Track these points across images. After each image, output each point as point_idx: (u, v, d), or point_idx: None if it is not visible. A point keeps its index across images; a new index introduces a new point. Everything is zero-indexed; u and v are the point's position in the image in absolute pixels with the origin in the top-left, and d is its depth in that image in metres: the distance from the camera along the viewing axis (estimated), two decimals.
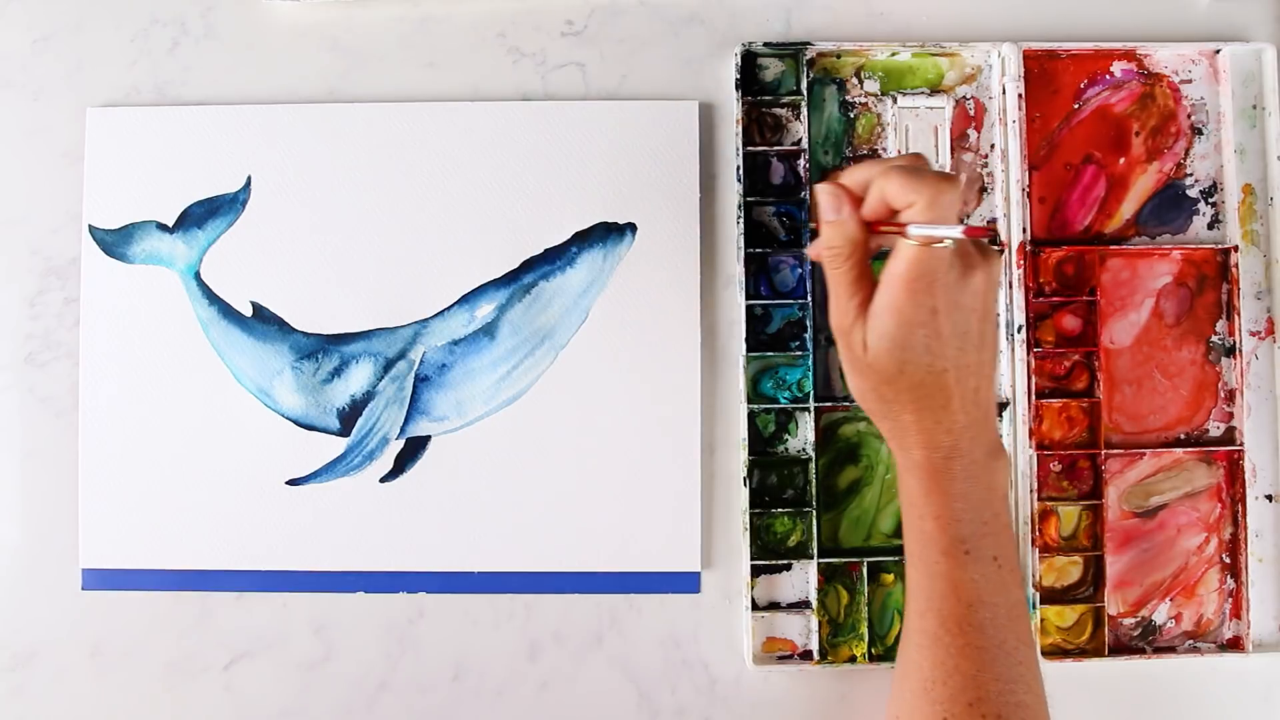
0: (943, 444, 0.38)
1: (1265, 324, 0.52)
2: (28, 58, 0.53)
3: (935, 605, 0.38)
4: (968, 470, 0.38)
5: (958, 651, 0.38)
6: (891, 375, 0.37)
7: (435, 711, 0.50)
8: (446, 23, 0.53)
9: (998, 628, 0.38)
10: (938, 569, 0.38)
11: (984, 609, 0.38)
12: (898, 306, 0.36)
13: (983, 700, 0.37)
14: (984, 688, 0.37)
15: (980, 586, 0.38)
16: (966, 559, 0.38)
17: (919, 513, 0.39)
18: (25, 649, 0.51)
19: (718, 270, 0.52)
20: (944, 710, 0.37)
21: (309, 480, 0.51)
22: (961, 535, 0.38)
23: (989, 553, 0.38)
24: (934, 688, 0.38)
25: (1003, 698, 0.37)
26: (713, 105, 0.52)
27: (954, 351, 0.37)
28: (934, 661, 0.38)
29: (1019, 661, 0.38)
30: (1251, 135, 0.52)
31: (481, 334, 0.51)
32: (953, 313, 0.37)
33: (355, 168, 0.52)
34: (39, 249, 0.52)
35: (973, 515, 0.38)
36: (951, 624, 0.38)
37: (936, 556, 0.38)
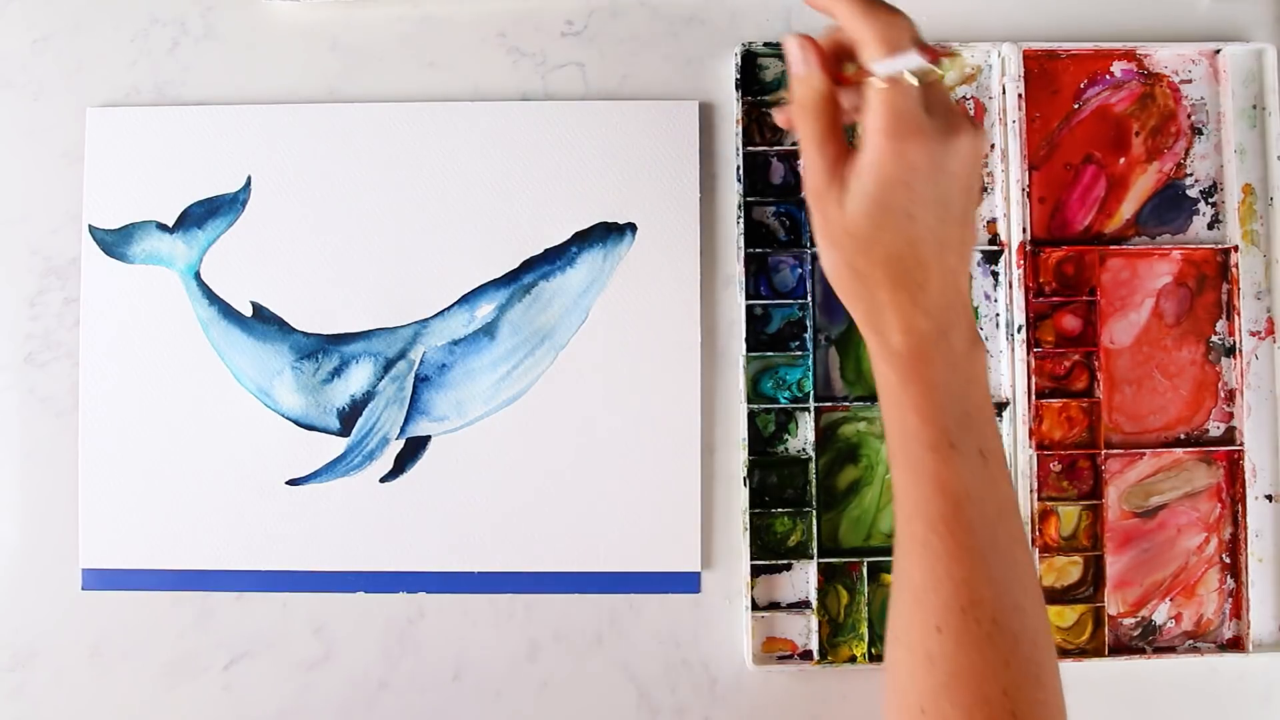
0: (920, 328, 0.36)
1: (1265, 324, 0.52)
2: (28, 58, 0.53)
3: (921, 507, 0.36)
4: (948, 359, 0.36)
5: (947, 555, 0.35)
6: (867, 241, 0.35)
7: (435, 711, 0.50)
8: (446, 23, 0.53)
9: (988, 526, 0.36)
10: (922, 467, 0.36)
11: (971, 506, 0.36)
12: (878, 161, 0.34)
13: (976, 605, 0.35)
14: (977, 591, 0.35)
15: (967, 482, 0.36)
16: (952, 453, 0.36)
17: (899, 407, 0.37)
18: (25, 649, 0.51)
19: (718, 270, 0.52)
20: (937, 618, 0.35)
21: (309, 480, 0.51)
22: (945, 428, 0.36)
23: (974, 446, 0.36)
24: (926, 596, 0.36)
25: (998, 601, 0.35)
26: (713, 105, 0.52)
27: (934, 220, 0.35)
28: (924, 568, 0.36)
29: (1014, 562, 0.36)
30: (1251, 135, 0.52)
31: (481, 334, 0.51)
32: (936, 175, 0.34)
33: (355, 168, 0.52)
34: (39, 249, 0.52)
35: (955, 407, 0.36)
36: (939, 525, 0.36)
37: (920, 453, 0.36)
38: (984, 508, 0.36)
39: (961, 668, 0.35)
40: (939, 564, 0.35)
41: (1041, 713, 0.35)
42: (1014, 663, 0.35)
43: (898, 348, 0.36)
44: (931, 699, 0.35)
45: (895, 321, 0.36)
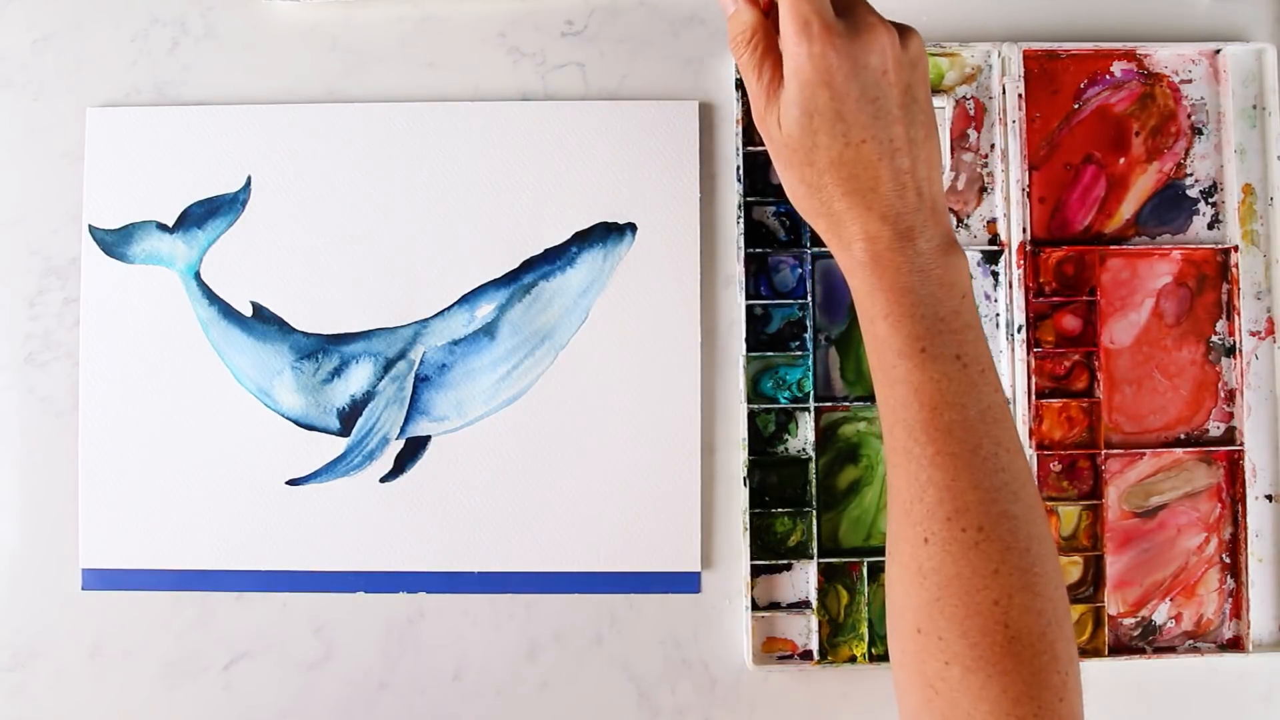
0: (879, 233, 0.36)
1: (1265, 324, 0.52)
2: (28, 58, 0.53)
3: (900, 415, 0.36)
4: (914, 264, 0.36)
5: (929, 462, 0.35)
6: (807, 151, 0.36)
7: (435, 711, 0.50)
8: (446, 23, 0.53)
9: (969, 431, 0.35)
10: (896, 374, 0.36)
11: (949, 411, 0.35)
12: (796, 68, 0.35)
13: (961, 512, 0.34)
14: (961, 498, 0.34)
15: (942, 388, 0.35)
16: (924, 358, 0.35)
17: (869, 316, 0.37)
18: (25, 649, 0.51)
19: (718, 270, 0.52)
20: (924, 529, 0.35)
21: (309, 480, 0.51)
22: (915, 333, 0.35)
23: (949, 351, 0.35)
24: (913, 507, 0.35)
25: (984, 508, 0.34)
26: (713, 105, 0.52)
27: (868, 119, 0.35)
28: (908, 478, 0.36)
29: (999, 469, 0.35)
30: (1251, 135, 0.52)
31: (481, 334, 0.51)
32: (856, 73, 0.35)
33: (355, 168, 0.52)
34: (39, 249, 0.52)
35: (926, 311, 0.35)
36: (919, 432, 0.35)
37: (893, 360, 0.36)
38: (964, 413, 0.35)
39: (950, 579, 0.35)
40: (921, 472, 0.35)
41: (1036, 621, 0.34)
42: (1004, 571, 0.34)
43: (859, 256, 0.36)
44: (926, 615, 0.35)
45: (855, 228, 0.36)
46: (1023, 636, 0.34)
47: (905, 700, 0.37)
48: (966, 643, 0.34)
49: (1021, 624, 0.34)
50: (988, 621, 0.34)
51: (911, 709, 0.36)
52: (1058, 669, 0.34)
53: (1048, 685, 0.34)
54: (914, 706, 0.36)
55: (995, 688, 0.34)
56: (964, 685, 0.34)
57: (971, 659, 0.34)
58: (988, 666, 0.34)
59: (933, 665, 0.35)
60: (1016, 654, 0.34)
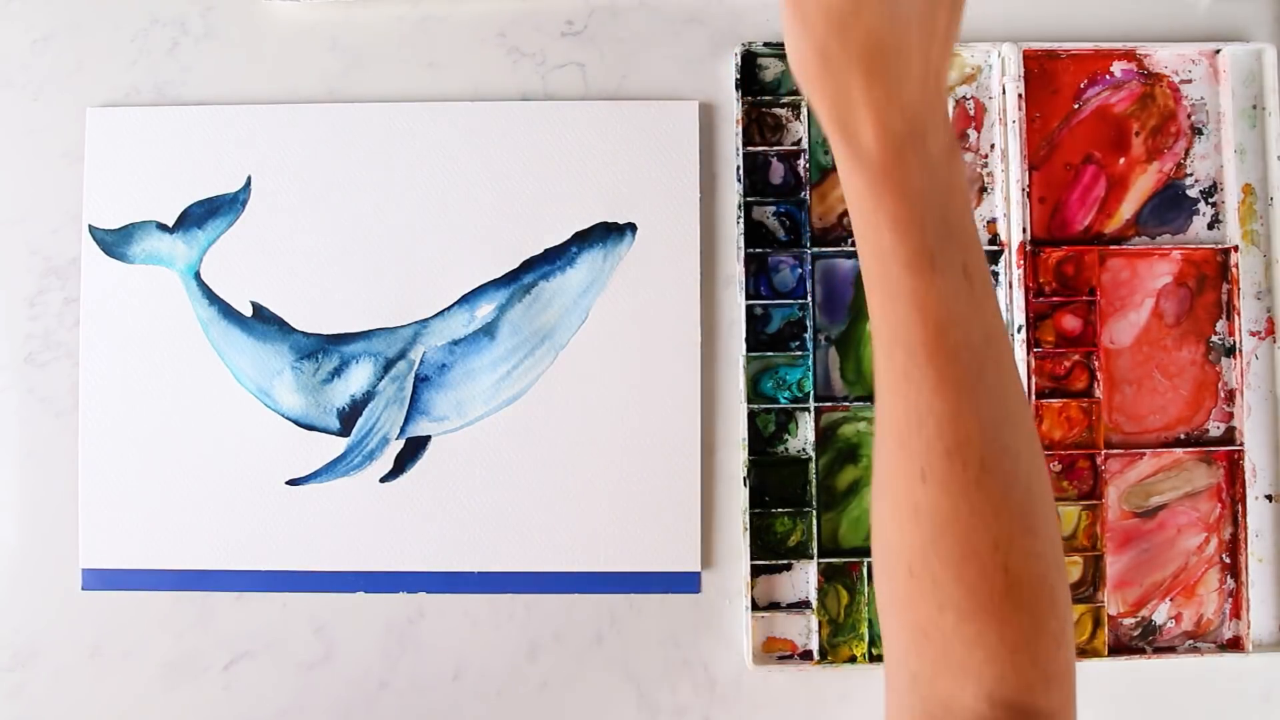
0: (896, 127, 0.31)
1: (1265, 324, 0.52)
2: (28, 58, 0.53)
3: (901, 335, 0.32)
4: (925, 164, 0.32)
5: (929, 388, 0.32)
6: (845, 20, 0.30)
7: (435, 711, 0.50)
8: (446, 23, 0.53)
9: (973, 355, 0.32)
10: (900, 288, 0.32)
11: (955, 330, 0.32)
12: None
13: (962, 445, 0.32)
14: (962, 430, 0.32)
15: (950, 304, 0.32)
16: (932, 272, 0.32)
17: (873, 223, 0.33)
18: (25, 649, 0.51)
19: (718, 270, 0.52)
20: (921, 463, 0.32)
21: (309, 480, 0.51)
22: (925, 243, 0.32)
23: (957, 263, 0.32)
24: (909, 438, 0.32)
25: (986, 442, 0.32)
26: (713, 105, 0.52)
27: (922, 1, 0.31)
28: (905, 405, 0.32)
29: (1003, 398, 0.32)
30: (1251, 135, 0.52)
31: (481, 334, 0.51)
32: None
33: (355, 168, 0.52)
34: (39, 249, 0.52)
35: (935, 218, 0.32)
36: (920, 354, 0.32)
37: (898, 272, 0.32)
38: (969, 333, 0.32)
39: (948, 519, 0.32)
40: (921, 398, 0.32)
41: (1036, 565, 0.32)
42: (1004, 512, 0.32)
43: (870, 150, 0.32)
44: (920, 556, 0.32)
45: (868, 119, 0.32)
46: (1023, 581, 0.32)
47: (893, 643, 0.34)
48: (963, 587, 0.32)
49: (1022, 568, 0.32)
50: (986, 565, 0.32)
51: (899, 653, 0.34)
52: (1056, 615, 0.32)
53: (1046, 632, 0.32)
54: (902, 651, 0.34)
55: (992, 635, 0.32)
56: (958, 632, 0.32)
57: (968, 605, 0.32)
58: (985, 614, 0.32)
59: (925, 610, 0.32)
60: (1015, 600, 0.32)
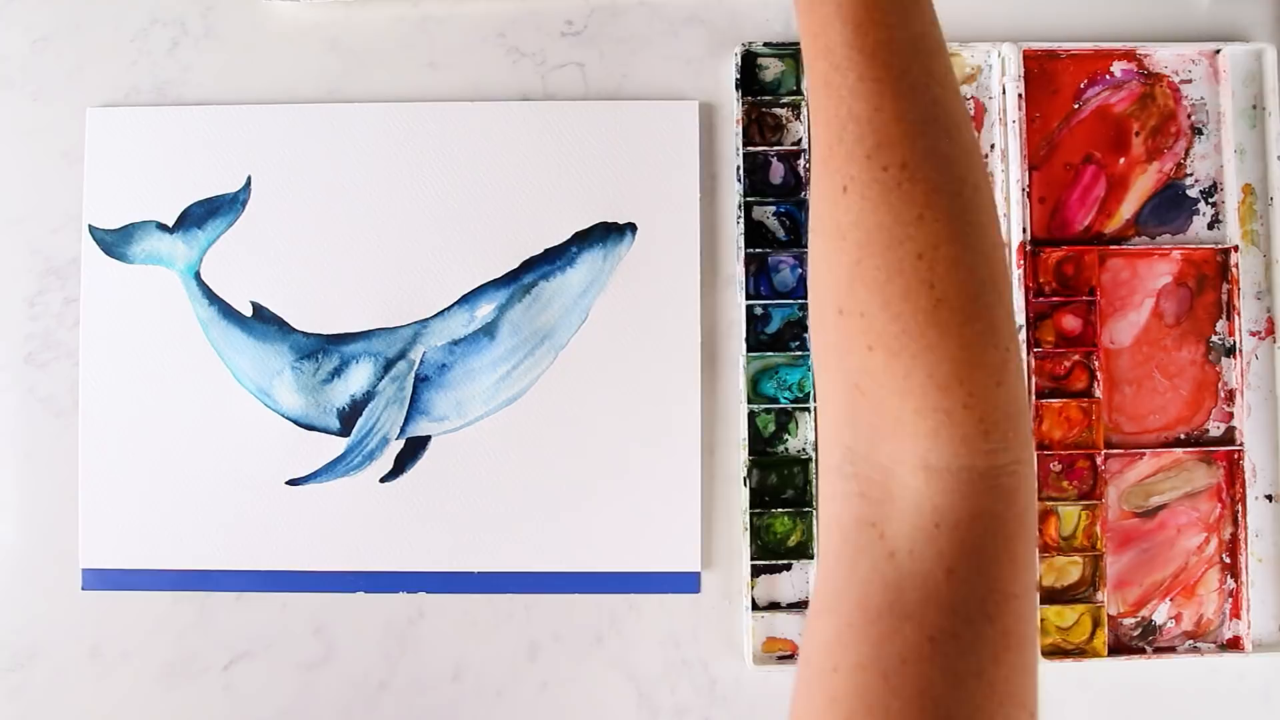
0: None
1: (1265, 324, 0.52)
2: (28, 58, 0.53)
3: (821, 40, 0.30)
4: None
5: (849, 92, 0.30)
6: None
7: (435, 711, 0.50)
8: (446, 23, 0.53)
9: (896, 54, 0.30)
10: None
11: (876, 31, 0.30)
12: None
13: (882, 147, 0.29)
14: (883, 130, 0.29)
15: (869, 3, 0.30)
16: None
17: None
18: (25, 649, 0.51)
19: (718, 270, 0.52)
20: (842, 176, 0.29)
21: (309, 480, 0.51)
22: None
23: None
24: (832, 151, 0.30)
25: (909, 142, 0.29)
26: (713, 105, 0.52)
27: None
28: (826, 115, 0.30)
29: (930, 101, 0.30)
30: (1251, 135, 0.52)
31: (481, 334, 0.51)
32: None
33: (355, 168, 0.52)
34: (39, 249, 0.52)
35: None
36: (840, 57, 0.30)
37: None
38: (891, 34, 0.30)
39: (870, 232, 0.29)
40: (841, 105, 0.30)
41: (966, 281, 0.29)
42: (928, 218, 0.29)
43: None
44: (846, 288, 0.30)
45: None
46: (950, 298, 0.28)
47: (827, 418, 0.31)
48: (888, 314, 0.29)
49: (949, 282, 0.28)
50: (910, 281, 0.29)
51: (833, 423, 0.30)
52: (995, 343, 0.29)
53: (982, 364, 0.28)
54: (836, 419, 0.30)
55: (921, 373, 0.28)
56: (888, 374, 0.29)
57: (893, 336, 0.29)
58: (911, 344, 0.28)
59: (856, 355, 0.29)
60: (943, 323, 0.28)
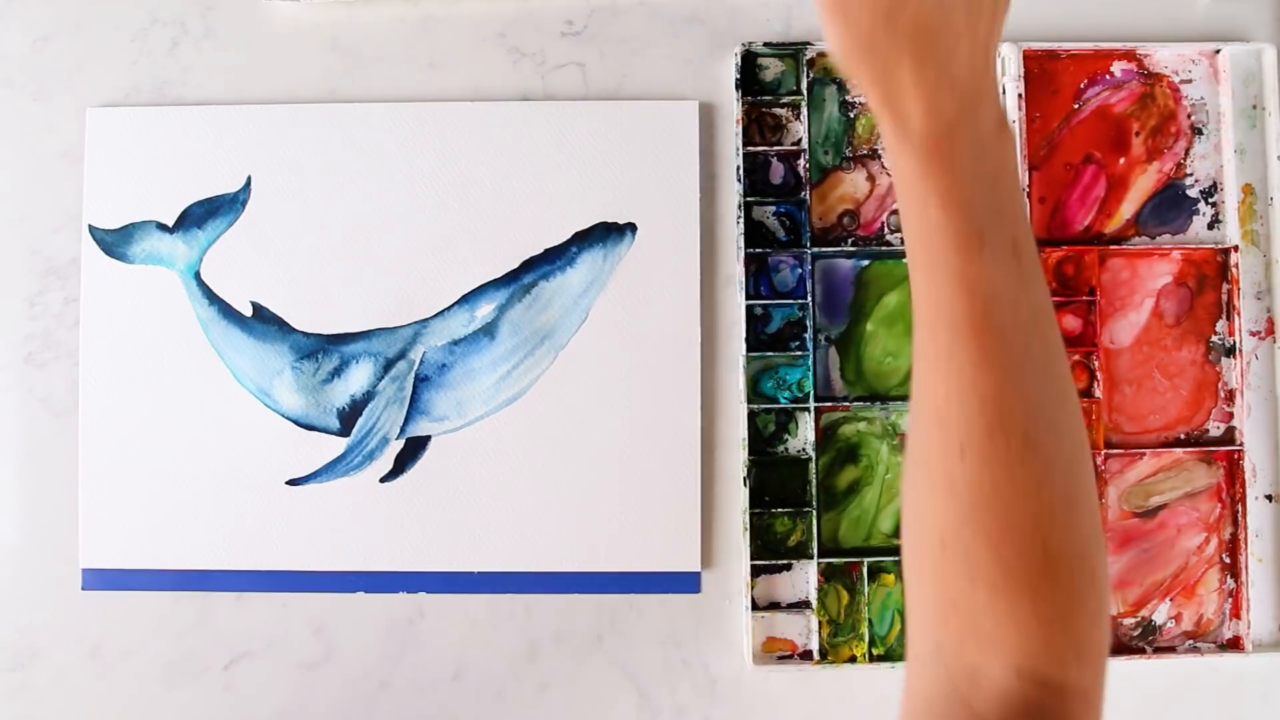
0: (946, 108, 0.31)
1: (1265, 324, 0.52)
2: (28, 58, 0.53)
3: (945, 313, 0.32)
4: (976, 143, 0.32)
5: (974, 367, 0.31)
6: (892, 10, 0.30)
7: (435, 711, 0.50)
8: (446, 23, 0.53)
9: (1021, 332, 0.31)
10: (947, 266, 0.32)
11: (1003, 310, 0.31)
12: None
13: (1006, 424, 0.31)
14: (1007, 408, 0.31)
15: (998, 283, 0.31)
16: (981, 250, 0.31)
17: (921, 201, 0.32)
18: (25, 649, 0.51)
19: (718, 270, 0.52)
20: (961, 439, 0.31)
21: (309, 480, 0.51)
22: (974, 222, 0.31)
23: (1006, 241, 0.32)
24: (949, 415, 0.32)
25: (1030, 419, 0.31)
26: (713, 105, 0.52)
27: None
28: (948, 383, 0.32)
29: (1050, 376, 0.32)
30: (1251, 135, 0.52)
31: (481, 334, 0.51)
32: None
33: (355, 168, 0.52)
34: (39, 249, 0.52)
35: (985, 197, 0.32)
36: (966, 332, 0.31)
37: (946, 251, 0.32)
38: (1017, 312, 0.32)
39: (987, 494, 0.31)
40: (964, 377, 0.31)
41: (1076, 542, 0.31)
42: (1046, 488, 0.31)
43: (920, 130, 0.32)
44: (954, 530, 0.32)
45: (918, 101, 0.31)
46: (1062, 558, 0.31)
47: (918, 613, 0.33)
48: (998, 562, 0.31)
49: (1062, 545, 0.31)
50: (1025, 542, 0.31)
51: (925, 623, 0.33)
52: (1095, 593, 0.31)
53: (1084, 609, 0.31)
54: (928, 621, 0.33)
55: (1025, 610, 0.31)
56: (990, 606, 0.31)
57: (1002, 580, 0.31)
58: (1020, 589, 0.31)
59: (956, 583, 0.32)
60: (1054, 577, 0.31)
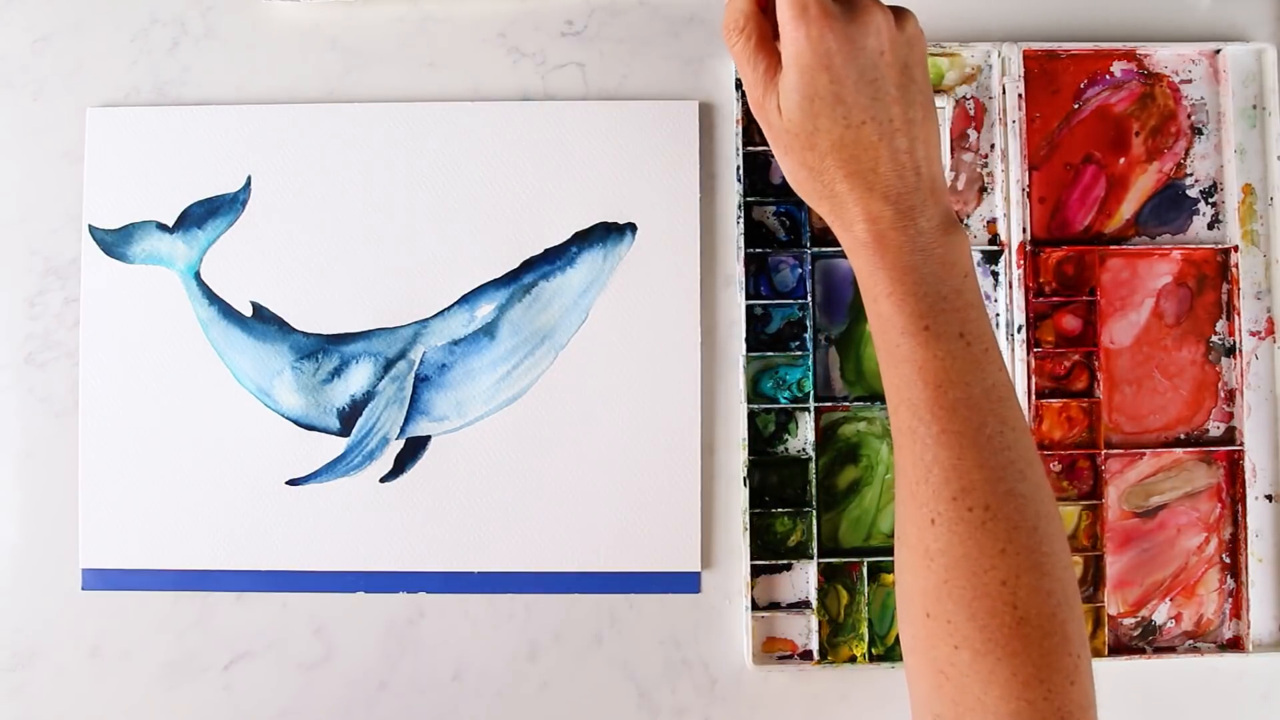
0: (881, 213, 0.36)
1: (1265, 324, 0.52)
2: (28, 58, 0.53)
3: (904, 394, 0.36)
4: (915, 243, 0.36)
5: (934, 441, 0.35)
6: (809, 136, 0.36)
7: (435, 711, 0.50)
8: (446, 23, 0.53)
9: (974, 409, 0.35)
10: (900, 353, 0.36)
11: (954, 389, 0.35)
12: (793, 54, 0.35)
13: (967, 491, 0.34)
14: (966, 477, 0.35)
15: (946, 365, 0.35)
16: (927, 335, 0.35)
17: (873, 295, 0.37)
18: (25, 649, 0.51)
19: (718, 270, 0.52)
20: (930, 510, 0.35)
21: (309, 480, 0.51)
22: (918, 311, 0.36)
23: (953, 329, 0.36)
24: (919, 488, 0.35)
25: (990, 487, 0.34)
26: (713, 105, 0.52)
27: (867, 101, 0.36)
28: (913, 458, 0.36)
29: (1004, 447, 0.35)
30: (1251, 135, 0.52)
31: (481, 334, 0.51)
32: (854, 55, 0.35)
33: (355, 168, 0.52)
34: (39, 249, 0.52)
35: (928, 290, 0.36)
36: (923, 411, 0.35)
37: (896, 338, 0.36)
38: (968, 390, 0.35)
39: (957, 560, 0.34)
40: (926, 452, 0.35)
41: (1045, 602, 0.34)
42: (1010, 551, 0.34)
43: (861, 236, 0.37)
44: (934, 599, 0.35)
45: (856, 210, 0.37)
46: (1031, 618, 0.34)
47: (916, 686, 0.37)
48: (975, 625, 0.34)
49: (1030, 605, 0.34)
50: (995, 603, 0.34)
51: (923, 695, 0.36)
52: (1069, 651, 0.34)
53: (1059, 668, 0.34)
54: (925, 692, 0.36)
55: (1005, 671, 0.33)
56: (973, 669, 0.34)
57: (980, 642, 0.34)
58: (997, 649, 0.34)
59: (942, 650, 0.35)
60: (1025, 636, 0.34)
